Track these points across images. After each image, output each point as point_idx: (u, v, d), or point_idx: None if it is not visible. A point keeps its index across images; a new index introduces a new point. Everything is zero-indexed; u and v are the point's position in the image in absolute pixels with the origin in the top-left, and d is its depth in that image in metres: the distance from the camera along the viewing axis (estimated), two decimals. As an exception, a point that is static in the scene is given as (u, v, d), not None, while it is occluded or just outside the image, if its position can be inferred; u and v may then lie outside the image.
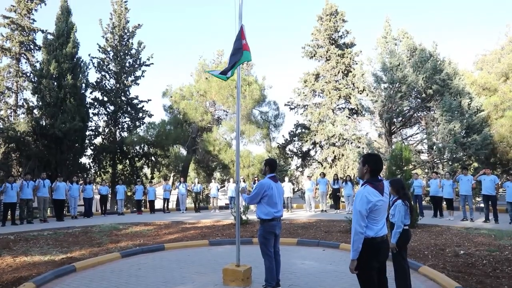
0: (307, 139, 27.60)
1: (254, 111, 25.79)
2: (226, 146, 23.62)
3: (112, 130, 25.30)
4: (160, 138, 23.96)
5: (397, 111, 19.83)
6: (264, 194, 4.77)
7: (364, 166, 3.20)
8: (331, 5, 28.20)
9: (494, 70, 23.66)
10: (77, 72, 20.53)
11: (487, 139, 17.53)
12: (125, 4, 25.93)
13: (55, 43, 20.07)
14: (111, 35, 25.46)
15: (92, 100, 24.58)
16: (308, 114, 27.76)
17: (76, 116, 19.37)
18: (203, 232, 10.33)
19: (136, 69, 25.96)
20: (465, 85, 19.15)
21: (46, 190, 13.70)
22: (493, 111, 20.32)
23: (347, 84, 26.68)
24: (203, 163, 26.89)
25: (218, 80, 23.69)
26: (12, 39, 23.94)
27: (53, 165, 18.99)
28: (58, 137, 18.69)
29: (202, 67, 28.32)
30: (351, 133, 22.96)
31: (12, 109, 24.12)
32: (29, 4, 24.08)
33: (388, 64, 19.87)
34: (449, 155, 18.16)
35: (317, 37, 28.37)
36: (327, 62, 27.59)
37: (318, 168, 27.31)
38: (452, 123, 17.36)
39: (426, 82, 19.02)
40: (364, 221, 3.00)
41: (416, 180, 13.34)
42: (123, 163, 25.57)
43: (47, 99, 19.22)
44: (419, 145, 21.56)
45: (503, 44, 27.06)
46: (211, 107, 25.94)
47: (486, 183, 11.37)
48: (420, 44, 20.48)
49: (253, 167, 22.99)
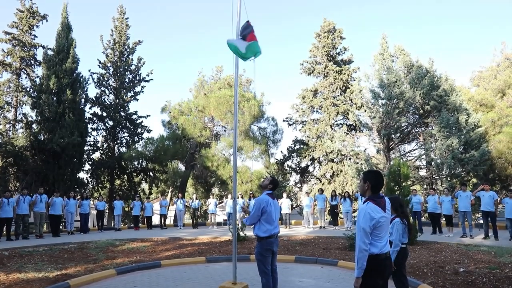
0: (305, 155, 27.60)
1: (253, 127, 25.85)
2: (224, 162, 23.57)
3: (111, 145, 25.28)
4: (159, 154, 23.92)
5: (395, 127, 19.90)
6: (263, 210, 4.72)
7: (365, 183, 3.20)
8: (329, 23, 28.58)
9: (490, 87, 23.88)
10: (77, 87, 20.64)
11: (485, 155, 17.55)
12: (126, 21, 26.26)
13: (55, 59, 20.23)
14: (112, 51, 25.70)
15: (91, 115, 24.65)
16: (307, 130, 27.83)
17: (75, 131, 19.37)
18: (200, 249, 10.22)
19: (135, 84, 26.11)
20: (462, 101, 19.29)
21: (43, 205, 13.59)
22: (490, 127, 20.42)
23: (345, 100, 26.83)
24: (202, 179, 26.80)
25: (216, 95, 23.83)
26: (13, 55, 24.13)
27: (51, 180, 18.89)
28: (56, 152, 18.65)
29: (201, 83, 28.54)
30: (350, 149, 22.98)
31: (11, 124, 24.12)
32: (30, 20, 24.36)
33: (385, 81, 20.04)
34: (447, 171, 18.15)
35: (315, 54, 28.67)
36: (325, 79, 27.81)
37: (316, 184, 27.22)
38: (450, 139, 17.41)
39: (423, 98, 19.16)
40: (368, 238, 2.98)
41: (414, 196, 13.28)
42: (121, 179, 25.46)
43: (46, 114, 19.26)
44: (417, 161, 21.56)
45: (499, 61, 27.40)
46: (209, 123, 26.00)
47: (485, 199, 11.32)
48: (416, 61, 20.71)
49: (252, 183, 22.89)
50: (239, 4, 5.89)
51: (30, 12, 24.41)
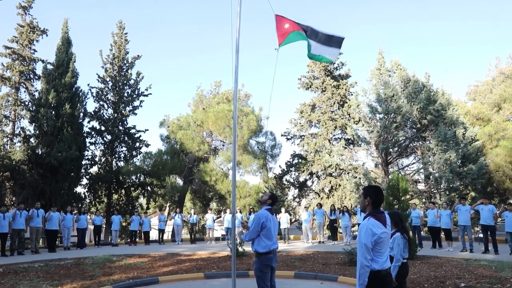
0: (303, 169, 27.56)
1: (251, 141, 25.89)
2: (222, 177, 23.51)
3: (109, 160, 25.20)
4: (157, 168, 23.84)
5: (393, 141, 19.96)
6: (263, 226, 4.68)
7: (365, 198, 3.20)
8: (326, 38, 28.88)
9: (486, 101, 24.09)
10: (76, 101, 20.67)
11: (483, 168, 17.59)
12: (125, 36, 26.48)
13: (55, 73, 20.31)
14: (111, 66, 25.84)
15: (90, 129, 24.62)
16: (305, 145, 27.87)
17: (73, 145, 19.33)
18: (198, 265, 10.11)
19: (134, 99, 26.18)
20: (459, 115, 19.42)
21: (40, 220, 13.46)
22: (487, 141, 20.53)
23: (342, 114, 26.95)
24: (200, 194, 26.67)
25: (215, 110, 23.92)
26: (13, 69, 24.19)
27: (48, 195, 18.76)
28: (53, 166, 18.58)
29: (199, 98, 28.64)
30: (348, 163, 22.99)
31: (9, 138, 24.06)
32: (31, 35, 24.52)
33: (382, 95, 20.19)
34: (446, 185, 18.15)
35: (313, 69, 28.91)
36: (323, 93, 27.98)
37: (315, 199, 27.13)
38: (447, 153, 17.46)
39: (420, 112, 19.27)
40: (369, 254, 2.97)
41: (414, 210, 13.25)
42: (118, 193, 25.30)
43: (44, 128, 19.24)
44: (415, 175, 21.57)
45: (494, 75, 27.72)
46: (208, 137, 26.01)
47: (484, 213, 11.29)
48: (413, 76, 20.90)
49: (250, 198, 22.79)
50: (238, 21, 5.97)
51: (31, 27, 24.58)
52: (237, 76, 5.94)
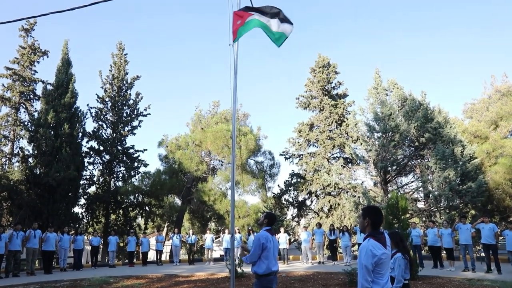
0: (302, 188, 27.46)
1: (250, 161, 25.91)
2: (221, 196, 23.42)
3: (107, 180, 25.09)
4: (155, 188, 23.76)
5: (391, 160, 19.98)
6: (263, 247, 4.63)
7: (365, 219, 3.19)
8: (323, 58, 29.30)
9: (483, 118, 24.28)
10: (74, 121, 20.73)
11: (483, 186, 17.56)
12: (124, 57, 26.78)
13: (54, 93, 20.43)
14: (110, 86, 26.02)
15: (88, 149, 24.61)
16: (303, 164, 27.85)
17: (71, 165, 19.28)
18: (197, 286, 9.95)
19: (133, 119, 26.27)
20: (456, 133, 19.51)
21: (36, 241, 13.31)
22: (486, 158, 20.57)
23: (341, 133, 27.05)
24: (198, 213, 26.50)
25: (213, 130, 24.03)
26: (13, 89, 24.33)
27: (45, 215, 18.58)
28: (51, 186, 18.47)
29: (198, 118, 28.79)
30: (347, 182, 22.94)
31: (7, 158, 24.00)
32: (32, 56, 24.78)
33: (380, 114, 20.32)
34: (445, 203, 18.07)
35: (310, 88, 29.17)
36: (321, 113, 28.15)
37: (314, 218, 26.93)
38: (446, 171, 17.46)
39: (418, 130, 19.36)
40: (370, 275, 2.95)
41: (414, 229, 13.14)
42: (116, 213, 25.10)
43: (43, 147, 19.23)
44: (415, 193, 21.50)
45: (490, 93, 28.05)
46: (206, 157, 26.02)
47: (485, 232, 11.21)
48: (410, 94, 21.09)
49: (249, 218, 22.65)
50: (236, 43, 6.06)
51: (32, 49, 24.87)
52: (236, 96, 5.99)
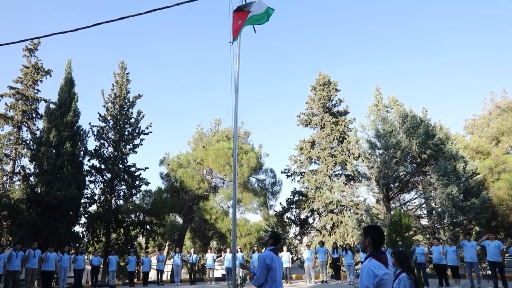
0: (304, 206, 27.25)
1: (251, 179, 25.83)
2: (223, 215, 23.25)
3: (108, 198, 24.99)
4: (156, 206, 23.63)
5: (393, 177, 19.89)
6: (268, 267, 4.58)
7: (366, 238, 3.16)
8: (324, 76, 29.54)
9: (484, 134, 24.32)
10: (76, 140, 20.81)
11: (486, 202, 17.43)
12: (126, 76, 27.04)
13: (57, 112, 20.58)
14: (112, 105, 26.18)
15: (89, 167, 24.58)
16: (305, 181, 27.72)
17: (72, 184, 19.25)
18: (198, 306, 9.78)
19: (134, 137, 26.34)
20: (458, 149, 19.48)
21: (36, 261, 13.17)
22: (488, 174, 20.49)
23: (342, 150, 27.01)
24: (200, 232, 26.26)
25: (215, 148, 24.04)
26: (16, 108, 24.50)
27: (45, 234, 18.44)
28: (52, 204, 18.39)
29: (199, 136, 28.87)
30: (349, 199, 22.80)
31: (8, 176, 23.99)
32: (35, 76, 25.05)
33: (381, 131, 20.35)
34: (449, 220, 17.91)
35: (311, 106, 29.31)
36: (322, 130, 28.19)
37: (317, 236, 26.64)
38: (449, 187, 17.36)
39: (419, 147, 19.35)
40: None
41: (418, 247, 12.98)
42: (117, 232, 24.88)
43: (44, 166, 19.24)
44: (418, 210, 21.33)
45: (490, 109, 28.18)
46: (208, 175, 25.96)
47: (491, 249, 11.05)
48: (410, 111, 21.17)
49: (250, 236, 22.43)
50: (237, 62, 6.14)
51: (35, 68, 25.16)
52: (237, 115, 6.03)
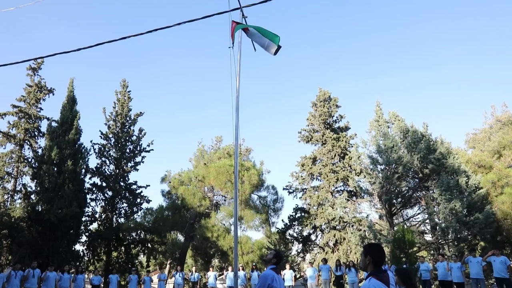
0: (307, 223, 27.04)
1: (253, 196, 25.70)
2: (224, 232, 23.05)
3: (109, 216, 24.86)
4: (158, 224, 23.46)
5: (395, 192, 19.78)
6: (269, 287, 4.53)
7: (366, 257, 3.11)
8: (324, 92, 29.73)
9: (486, 148, 24.29)
10: (78, 158, 20.85)
11: (490, 217, 17.25)
12: (128, 94, 27.25)
13: (59, 130, 20.69)
14: (114, 123, 26.31)
15: (91, 185, 24.55)
16: (307, 198, 27.58)
17: (73, 202, 19.19)
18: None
19: (136, 155, 26.37)
20: (460, 163, 19.42)
21: (35, 281, 13.01)
22: (491, 188, 20.36)
23: (344, 166, 26.96)
24: (201, 250, 25.98)
25: (216, 165, 24.02)
26: (18, 127, 24.64)
27: (45, 253, 18.27)
28: (53, 223, 18.28)
29: (201, 153, 28.86)
30: (351, 215, 22.62)
31: (10, 194, 23.93)
32: (38, 94, 25.28)
33: (382, 146, 20.34)
34: (453, 235, 17.68)
35: (312, 122, 29.41)
36: (323, 146, 28.20)
37: (320, 253, 26.35)
38: (452, 202, 17.22)
39: (421, 162, 19.29)
40: None
41: (422, 263, 12.80)
42: (118, 251, 24.65)
43: (46, 184, 19.21)
44: (421, 225, 21.11)
45: (491, 123, 28.23)
46: (209, 193, 25.85)
47: (497, 265, 10.88)
48: (411, 126, 21.18)
49: (253, 254, 22.18)
50: (238, 80, 6.19)
51: (38, 87, 25.43)
52: (238, 132, 6.04)
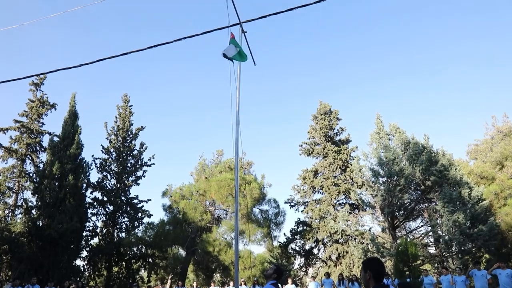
0: (309, 236, 26.81)
1: (254, 209, 25.55)
2: (226, 247, 22.85)
3: (110, 231, 24.72)
4: (159, 239, 23.30)
5: (398, 205, 19.66)
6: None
7: (366, 272, 3.08)
8: (325, 105, 29.83)
9: (488, 159, 24.20)
10: (79, 172, 20.86)
11: (494, 229, 17.08)
12: (129, 108, 27.40)
13: (60, 145, 20.74)
14: (115, 137, 26.39)
15: (92, 200, 24.51)
16: (309, 211, 27.42)
17: (74, 217, 19.11)
18: None
19: (137, 169, 26.38)
20: (462, 175, 19.32)
21: (35, 297, 12.87)
22: (494, 200, 20.22)
23: (345, 179, 26.87)
24: (203, 265, 25.71)
25: (217, 179, 23.95)
26: (20, 141, 24.68)
27: (45, 268, 18.10)
28: (53, 238, 18.17)
29: (202, 167, 28.82)
30: (354, 228, 22.45)
31: (10, 209, 23.83)
32: (40, 109, 25.39)
33: (384, 159, 20.29)
34: (457, 248, 17.49)
35: (313, 135, 29.43)
36: (325, 159, 28.15)
37: (322, 267, 26.06)
38: (455, 214, 17.08)
39: (423, 174, 19.22)
40: None
41: (426, 277, 12.62)
42: (119, 266, 24.43)
43: (47, 199, 19.17)
44: (425, 238, 20.91)
45: (492, 134, 28.18)
46: (210, 207, 25.73)
47: (503, 278, 10.72)
48: (412, 138, 21.16)
49: (255, 268, 21.95)
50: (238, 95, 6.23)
51: (41, 102, 25.54)
52: (238, 147, 6.06)
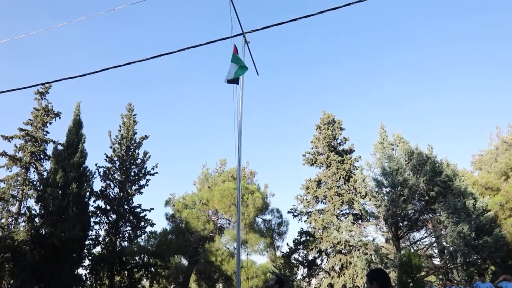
0: (312, 247, 26.62)
1: (257, 219, 25.50)
2: (229, 256, 22.76)
3: (113, 240, 24.67)
4: (161, 248, 23.25)
5: (402, 215, 19.52)
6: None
7: (372, 284, 3.07)
8: (328, 115, 29.88)
9: (493, 170, 24.07)
10: (83, 181, 20.94)
11: (500, 240, 16.91)
12: (133, 117, 27.57)
13: (64, 153, 20.87)
14: (119, 146, 26.51)
15: (95, 208, 24.51)
16: (312, 221, 27.28)
17: (77, 225, 19.13)
18: None
19: (140, 178, 26.43)
20: (466, 185, 19.21)
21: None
22: (500, 211, 20.06)
23: (349, 189, 26.76)
24: (205, 274, 25.57)
25: (220, 188, 23.97)
26: (24, 150, 24.81)
27: (47, 277, 18.06)
28: (56, 246, 18.18)
29: (205, 176, 28.84)
30: (357, 239, 22.28)
31: (14, 217, 23.87)
32: (45, 118, 25.59)
33: (387, 169, 20.22)
34: (462, 259, 17.29)
35: (316, 145, 29.42)
36: (328, 169, 28.09)
37: (325, 278, 25.82)
38: (460, 225, 16.93)
39: (427, 184, 19.12)
40: None
41: (430, 288, 12.52)
42: (121, 275, 24.33)
43: (50, 207, 19.22)
44: (429, 249, 20.71)
45: (497, 144, 28.08)
46: (213, 216, 25.69)
47: (508, 290, 10.62)
48: (416, 148, 21.10)
49: (257, 279, 21.81)
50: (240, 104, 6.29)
51: (45, 110, 25.73)
52: (240, 157, 6.09)
